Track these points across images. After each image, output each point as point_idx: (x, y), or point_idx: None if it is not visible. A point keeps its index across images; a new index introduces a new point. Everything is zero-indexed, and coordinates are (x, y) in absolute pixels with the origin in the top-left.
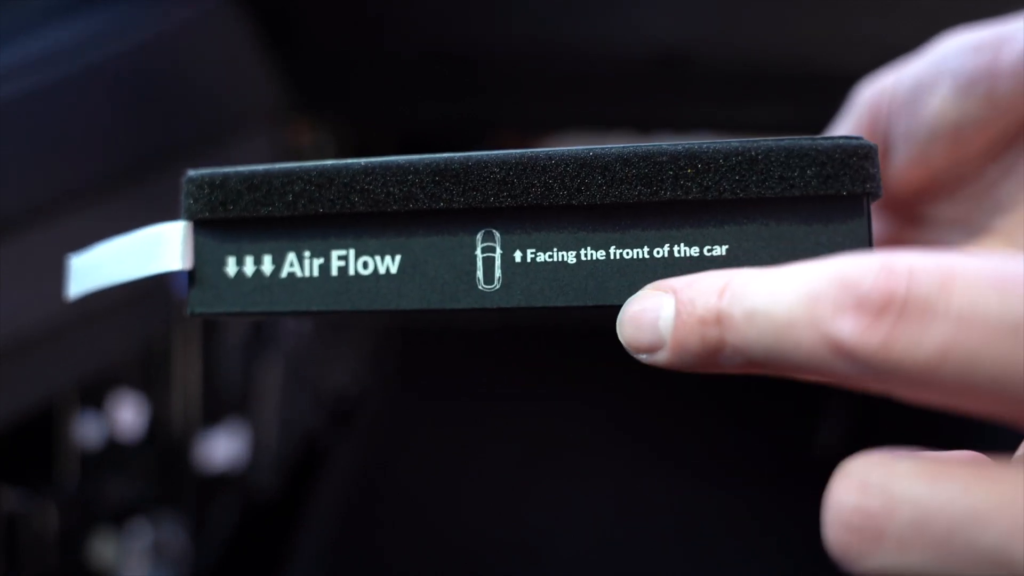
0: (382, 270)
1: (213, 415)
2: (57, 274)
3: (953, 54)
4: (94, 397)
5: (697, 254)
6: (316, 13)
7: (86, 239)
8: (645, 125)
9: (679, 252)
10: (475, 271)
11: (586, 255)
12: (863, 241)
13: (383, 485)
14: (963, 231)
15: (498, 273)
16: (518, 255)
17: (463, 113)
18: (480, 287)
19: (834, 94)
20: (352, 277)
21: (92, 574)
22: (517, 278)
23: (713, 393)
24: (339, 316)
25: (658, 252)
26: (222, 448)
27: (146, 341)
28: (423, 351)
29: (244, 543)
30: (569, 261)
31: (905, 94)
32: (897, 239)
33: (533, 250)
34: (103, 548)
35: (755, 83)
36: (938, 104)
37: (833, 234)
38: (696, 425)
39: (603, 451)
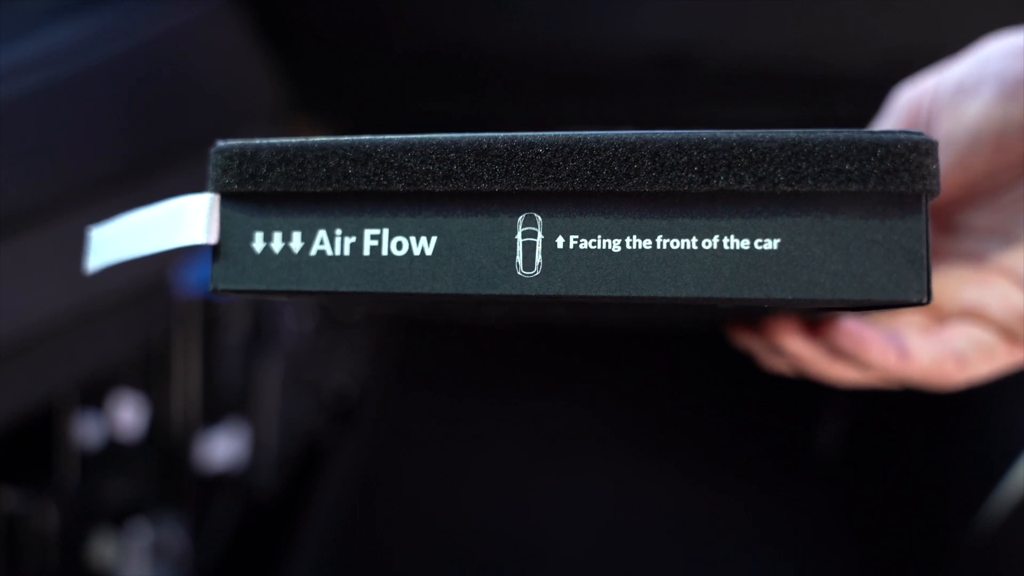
0: (417, 251)
1: (213, 415)
2: (57, 274)
3: (998, 57)
4: (94, 397)
5: (748, 247)
6: (316, 13)
7: (85, 239)
8: (645, 125)
9: (728, 244)
10: (515, 256)
11: (631, 244)
12: (920, 239)
13: (384, 484)
14: (999, 241)
15: (538, 259)
16: (560, 241)
17: (463, 113)
18: (519, 273)
19: (834, 94)
20: (385, 257)
21: (92, 574)
22: (558, 265)
23: (714, 395)
24: (369, 299)
25: (707, 243)
26: (222, 448)
27: (146, 341)
28: (424, 350)
29: (244, 543)
30: (614, 249)
31: (946, 96)
32: (935, 249)
33: (576, 236)
34: (103, 548)
35: (755, 83)
36: (981, 108)
37: (889, 231)
38: (696, 426)
39: (603, 451)
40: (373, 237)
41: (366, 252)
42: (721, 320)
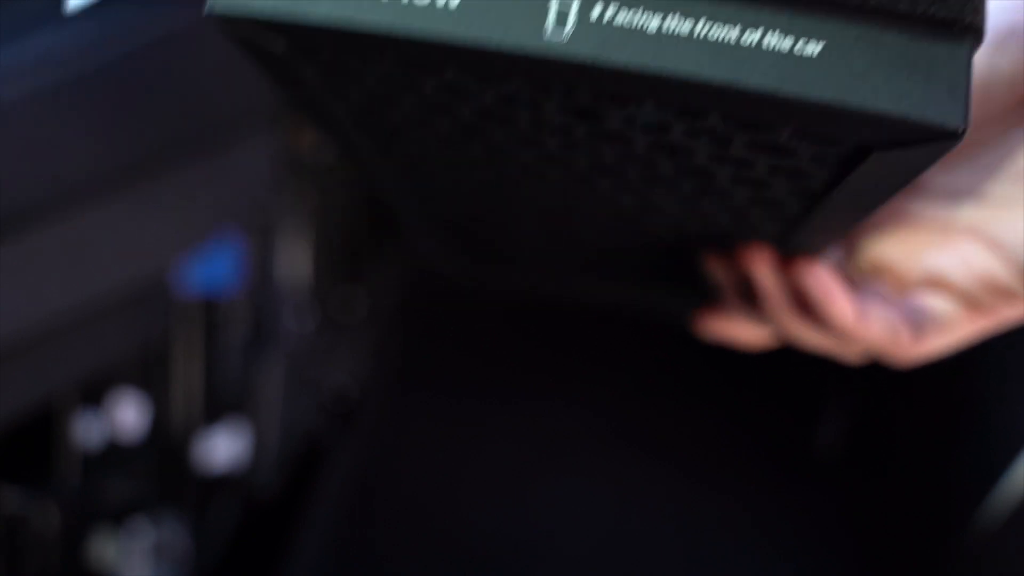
0: (441, 1)
1: (213, 415)
2: (57, 274)
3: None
4: (94, 397)
5: (788, 48)
6: None
7: (85, 239)
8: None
9: (770, 42)
10: (546, 17)
11: (670, 25)
12: (962, 70)
13: (384, 485)
14: (974, 202)
15: (570, 24)
16: (597, 10)
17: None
18: (547, 36)
19: None
20: (404, 4)
21: (92, 574)
22: (590, 33)
23: (714, 394)
24: (381, 44)
25: (747, 37)
26: (223, 448)
27: (146, 341)
28: (424, 350)
29: (245, 543)
30: (650, 28)
31: None
32: (902, 210)
33: (615, 7)
34: (103, 548)
35: None
36: None
37: (934, 58)
38: (697, 426)
39: (603, 451)
40: None
41: None
42: (696, 250)
